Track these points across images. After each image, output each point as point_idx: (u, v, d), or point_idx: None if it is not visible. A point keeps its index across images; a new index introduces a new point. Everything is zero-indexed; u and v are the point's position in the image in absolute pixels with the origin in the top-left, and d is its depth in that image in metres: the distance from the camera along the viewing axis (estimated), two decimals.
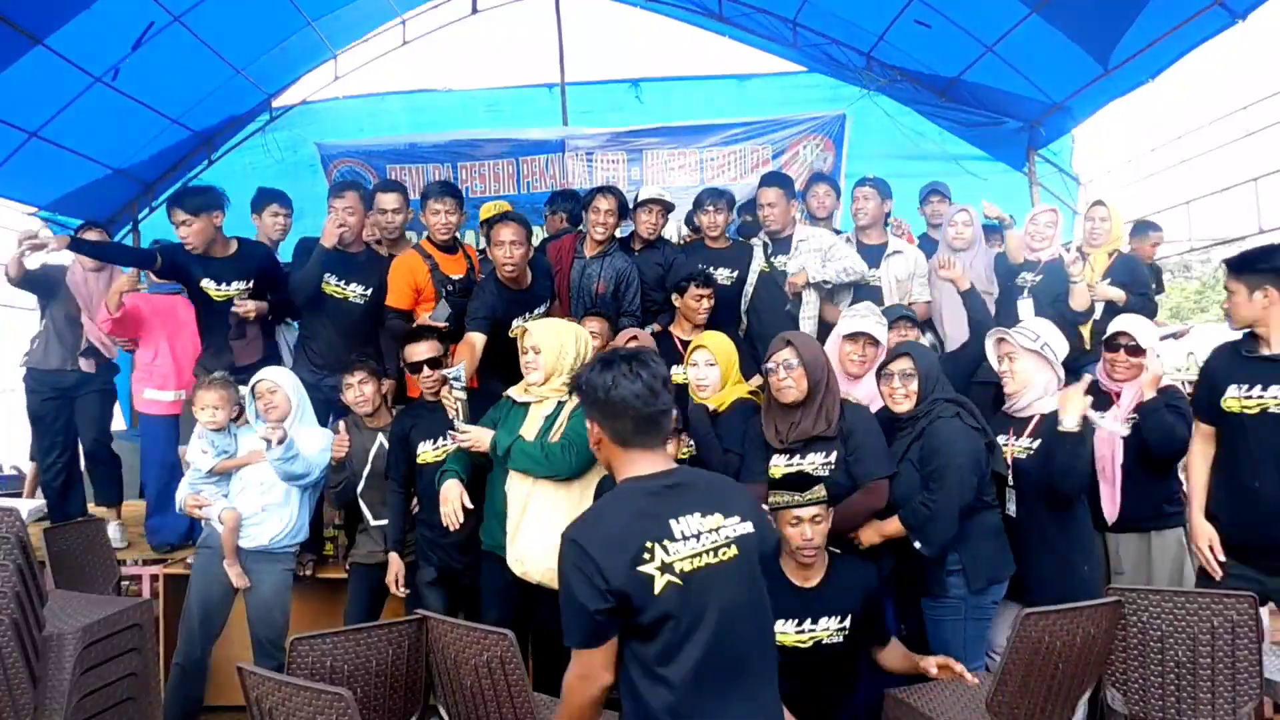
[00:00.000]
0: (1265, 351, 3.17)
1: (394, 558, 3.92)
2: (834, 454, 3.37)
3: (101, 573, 4.17)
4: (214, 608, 3.82)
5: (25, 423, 5.32)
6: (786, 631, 3.05)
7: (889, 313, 4.37)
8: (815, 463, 3.39)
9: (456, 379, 3.63)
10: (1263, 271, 3.15)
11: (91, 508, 5.18)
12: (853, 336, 3.94)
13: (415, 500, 3.97)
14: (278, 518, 3.85)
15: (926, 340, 4.60)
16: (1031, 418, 3.47)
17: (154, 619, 3.79)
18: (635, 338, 3.98)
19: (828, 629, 3.07)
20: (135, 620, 3.29)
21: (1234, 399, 3.19)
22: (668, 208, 5.13)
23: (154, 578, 4.52)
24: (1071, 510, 3.38)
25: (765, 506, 3.15)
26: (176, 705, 3.72)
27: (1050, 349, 3.53)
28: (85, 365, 4.93)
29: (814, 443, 3.41)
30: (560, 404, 3.50)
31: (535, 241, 4.95)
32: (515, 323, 4.38)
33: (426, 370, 3.94)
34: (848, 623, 3.08)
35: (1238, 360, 3.22)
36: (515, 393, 3.64)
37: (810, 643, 3.06)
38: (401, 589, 3.90)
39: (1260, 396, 3.14)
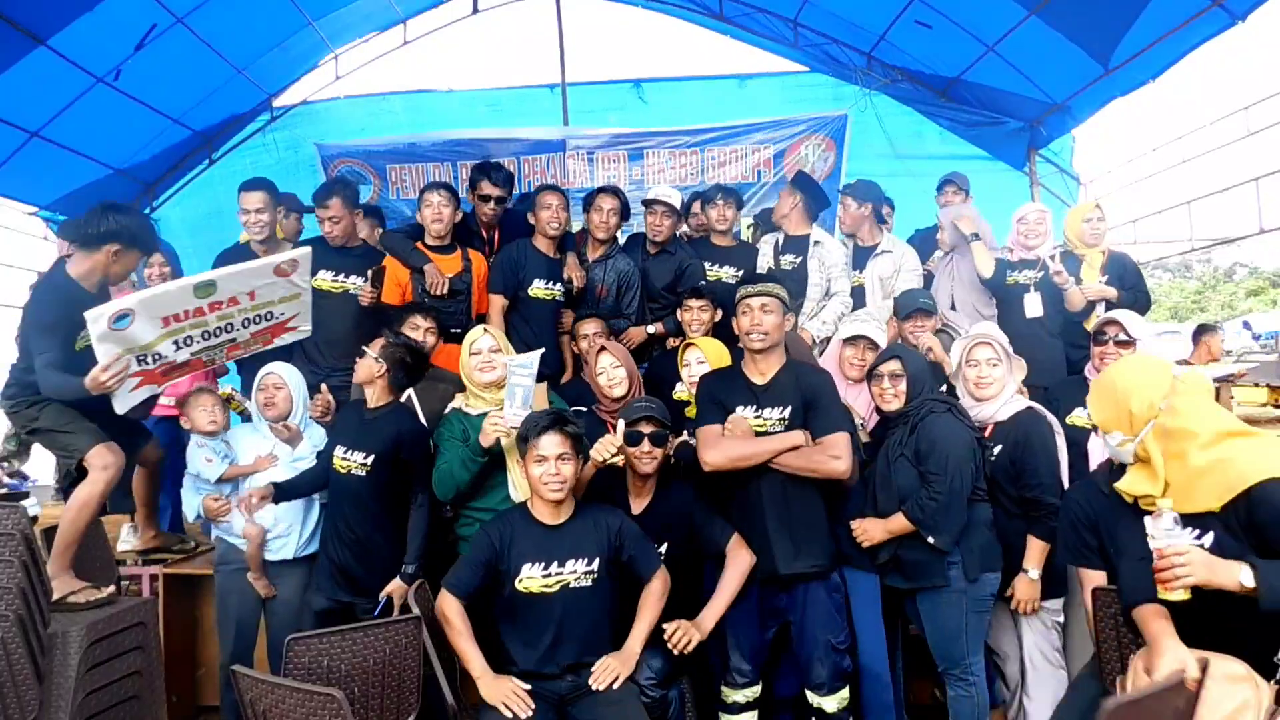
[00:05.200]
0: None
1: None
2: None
3: (101, 573, 4.19)
4: (246, 619, 3.87)
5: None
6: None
7: (906, 301, 4.43)
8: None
9: (522, 366, 3.53)
10: None
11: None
12: (852, 340, 3.99)
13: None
14: (295, 528, 3.86)
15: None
16: (985, 424, 3.56)
17: (158, 618, 3.82)
18: (604, 348, 3.99)
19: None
20: (140, 619, 3.31)
21: None
22: (670, 209, 5.06)
23: (154, 577, 4.53)
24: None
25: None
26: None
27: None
28: None
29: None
30: None
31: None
32: (536, 283, 4.74)
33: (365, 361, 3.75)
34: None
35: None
36: (470, 406, 3.71)
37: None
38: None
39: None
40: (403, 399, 3.91)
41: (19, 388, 3.51)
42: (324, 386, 4.03)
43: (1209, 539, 2.29)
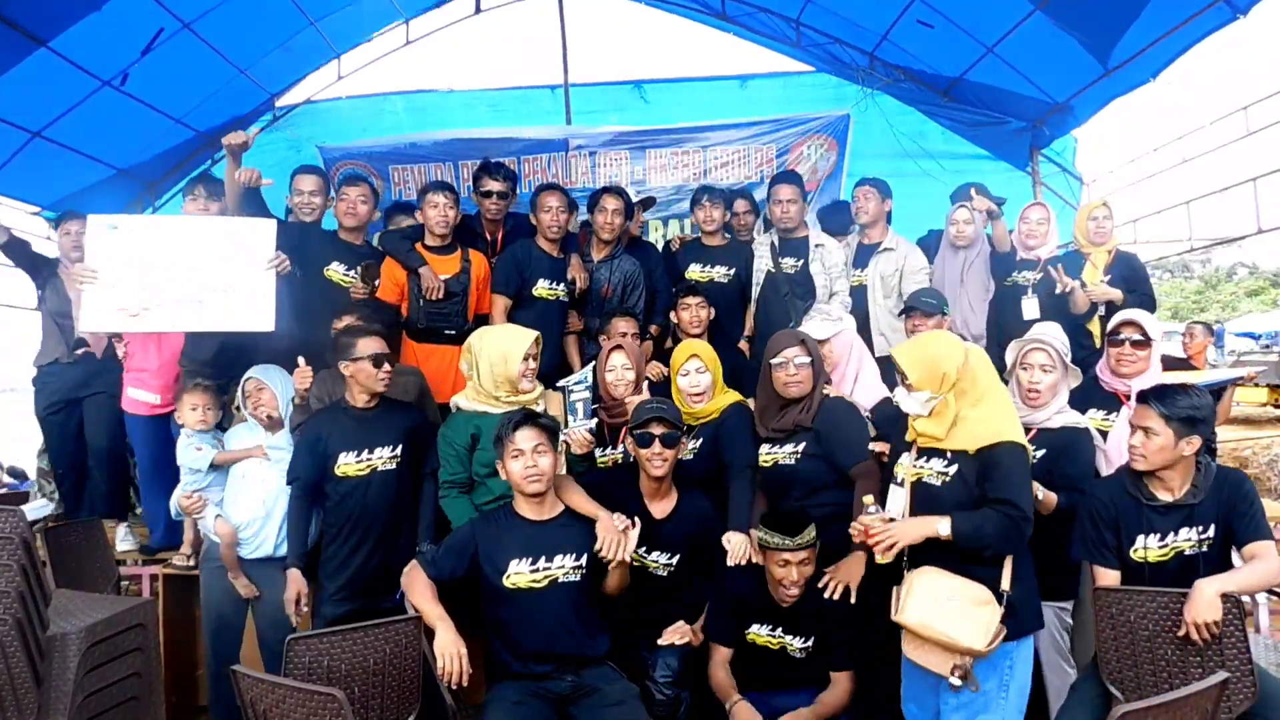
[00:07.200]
0: (1169, 498, 3.02)
1: (295, 575, 3.61)
2: (803, 444, 3.48)
3: (101, 573, 4.20)
4: (228, 619, 3.86)
5: (23, 423, 5.34)
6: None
7: (909, 299, 4.43)
8: (788, 452, 3.52)
9: (579, 383, 3.68)
10: (1196, 422, 2.95)
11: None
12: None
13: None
14: (277, 522, 3.83)
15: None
16: (1030, 427, 3.47)
17: (157, 619, 3.81)
18: (619, 347, 4.01)
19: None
20: (139, 620, 3.29)
21: (1145, 550, 3.02)
22: (646, 204, 5.33)
23: (154, 578, 4.54)
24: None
25: (754, 543, 3.31)
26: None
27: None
28: (81, 354, 4.95)
29: (794, 433, 3.52)
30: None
31: None
32: (540, 282, 4.72)
33: (387, 366, 3.70)
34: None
35: (1140, 509, 3.04)
36: (494, 405, 3.65)
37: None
38: (301, 610, 3.61)
39: (1175, 543, 3.00)
40: None
41: None
42: (300, 360, 3.93)
43: (954, 469, 2.96)
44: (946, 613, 2.82)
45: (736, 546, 3.38)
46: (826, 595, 3.22)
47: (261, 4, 6.33)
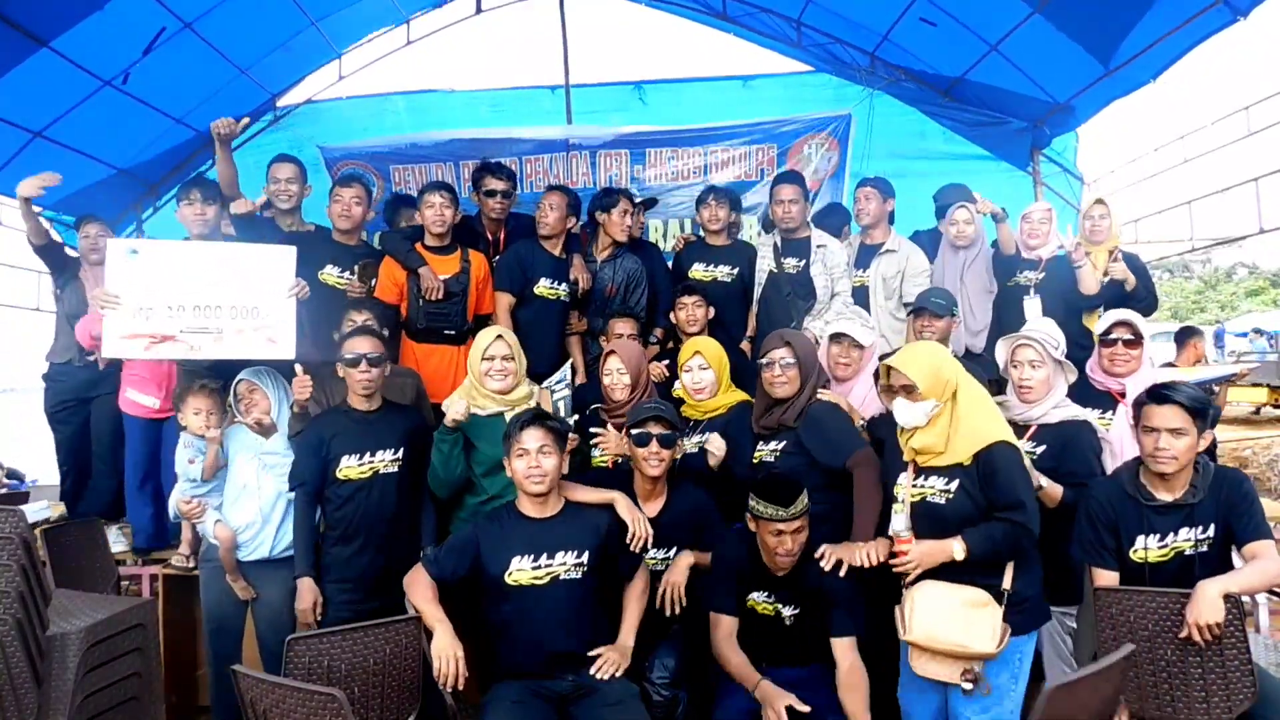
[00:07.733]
0: (1169, 497, 3.02)
1: (308, 584, 3.59)
2: (783, 443, 3.53)
3: (100, 573, 4.19)
4: (228, 619, 3.85)
5: (22, 423, 5.31)
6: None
7: (919, 299, 4.42)
8: (770, 450, 3.57)
9: (561, 381, 3.83)
10: (1206, 414, 2.97)
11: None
12: (836, 338, 3.96)
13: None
14: (275, 525, 3.82)
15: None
16: (1029, 424, 3.50)
17: (157, 619, 3.81)
18: (614, 351, 4.00)
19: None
20: (139, 620, 3.29)
21: (1145, 550, 3.03)
22: (648, 204, 5.45)
23: (153, 578, 4.53)
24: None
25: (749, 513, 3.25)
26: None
27: (1065, 355, 3.59)
28: (91, 359, 4.93)
29: (778, 432, 3.56)
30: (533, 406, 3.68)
31: None
32: (542, 281, 4.75)
33: (364, 366, 3.66)
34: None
35: (1140, 509, 3.05)
36: (478, 406, 3.69)
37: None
38: (316, 617, 3.56)
39: (1175, 543, 3.01)
40: None
41: None
42: (298, 368, 3.84)
43: (955, 484, 2.99)
44: (952, 622, 2.87)
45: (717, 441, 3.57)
46: (821, 564, 3.18)
47: (262, 4, 6.33)
